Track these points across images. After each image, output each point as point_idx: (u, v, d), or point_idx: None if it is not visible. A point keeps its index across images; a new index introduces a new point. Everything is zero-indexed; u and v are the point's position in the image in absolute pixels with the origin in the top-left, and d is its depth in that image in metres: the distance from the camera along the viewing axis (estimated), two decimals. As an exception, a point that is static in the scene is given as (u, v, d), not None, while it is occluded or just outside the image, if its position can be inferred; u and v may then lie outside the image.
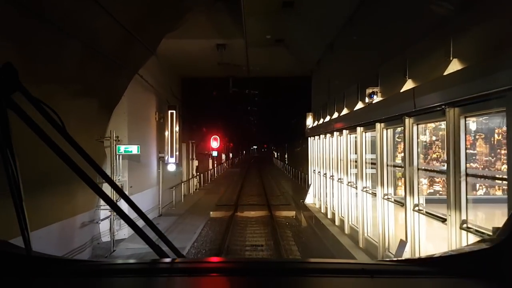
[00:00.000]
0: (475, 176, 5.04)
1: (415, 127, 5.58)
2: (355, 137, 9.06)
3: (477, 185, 6.42)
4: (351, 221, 9.16)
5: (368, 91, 7.13)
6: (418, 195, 5.55)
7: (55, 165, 1.53)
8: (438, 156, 7.72)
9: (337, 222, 10.25)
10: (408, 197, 5.64)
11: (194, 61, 17.65)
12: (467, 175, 4.24)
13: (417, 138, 5.62)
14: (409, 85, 5.56)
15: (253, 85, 23.95)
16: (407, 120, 5.64)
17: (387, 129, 6.84)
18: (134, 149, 11.45)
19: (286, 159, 49.04)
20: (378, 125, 6.90)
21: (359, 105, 8.10)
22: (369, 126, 7.63)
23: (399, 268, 1.47)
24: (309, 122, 15.00)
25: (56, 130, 1.32)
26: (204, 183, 28.51)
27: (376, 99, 6.92)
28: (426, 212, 5.36)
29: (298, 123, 30.37)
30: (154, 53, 11.78)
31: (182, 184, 21.07)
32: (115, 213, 10.86)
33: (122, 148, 11.20)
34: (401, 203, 5.97)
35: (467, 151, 4.35)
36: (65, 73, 7.71)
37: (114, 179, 10.96)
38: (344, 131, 9.39)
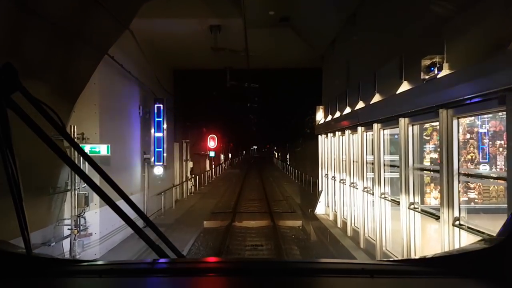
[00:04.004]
0: None
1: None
2: (390, 133, 6.77)
3: None
4: (385, 246, 6.82)
5: (425, 62, 4.76)
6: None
7: None
8: (473, 157, 5.50)
9: (362, 245, 7.89)
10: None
11: (185, 47, 15.22)
12: None
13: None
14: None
15: (253, 79, 21.52)
16: (515, 101, 3.29)
17: (458, 118, 4.49)
18: (103, 149, 9.06)
19: (287, 159, 46.87)
20: (443, 113, 4.54)
21: (404, 86, 5.71)
22: (422, 116, 5.27)
23: (399, 268, 1.42)
24: (320, 117, 12.62)
25: (56, 130, 1.32)
26: (200, 186, 26.40)
27: (440, 73, 4.55)
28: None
29: (301, 120, 28.11)
30: (128, 28, 9.34)
31: (174, 188, 18.86)
32: (76, 231, 8.54)
33: (87, 148, 8.83)
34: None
35: None
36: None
37: (76, 186, 8.62)
38: (375, 125, 7.03)
